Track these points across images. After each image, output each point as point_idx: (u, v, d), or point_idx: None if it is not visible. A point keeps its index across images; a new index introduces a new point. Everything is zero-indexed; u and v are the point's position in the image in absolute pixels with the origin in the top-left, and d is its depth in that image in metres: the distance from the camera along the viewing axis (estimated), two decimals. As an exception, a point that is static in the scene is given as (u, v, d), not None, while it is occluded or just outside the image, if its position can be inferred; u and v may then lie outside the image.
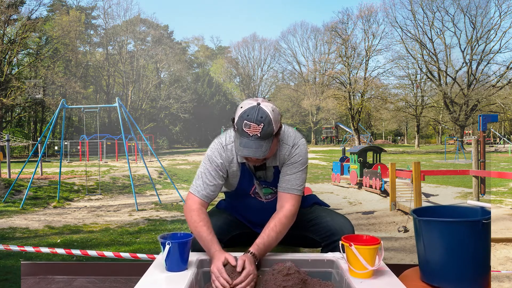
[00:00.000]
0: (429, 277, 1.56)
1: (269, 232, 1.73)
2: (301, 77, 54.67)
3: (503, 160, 23.77)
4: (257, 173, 1.89)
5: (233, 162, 1.87)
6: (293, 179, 1.83)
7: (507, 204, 9.19)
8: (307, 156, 1.90)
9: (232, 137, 1.87)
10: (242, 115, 1.66)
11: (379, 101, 43.04)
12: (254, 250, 1.65)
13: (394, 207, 8.87)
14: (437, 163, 23.18)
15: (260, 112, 1.65)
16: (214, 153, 1.87)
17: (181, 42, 60.59)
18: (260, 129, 1.63)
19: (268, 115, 1.65)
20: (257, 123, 1.63)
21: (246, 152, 1.66)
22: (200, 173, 1.87)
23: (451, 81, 39.51)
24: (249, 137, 1.64)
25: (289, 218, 1.80)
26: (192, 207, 1.82)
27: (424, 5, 39.25)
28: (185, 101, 46.64)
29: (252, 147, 1.65)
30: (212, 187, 1.85)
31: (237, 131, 1.68)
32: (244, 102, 1.71)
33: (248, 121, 1.63)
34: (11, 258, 4.92)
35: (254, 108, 1.65)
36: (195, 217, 1.78)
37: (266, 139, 1.66)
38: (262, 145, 1.66)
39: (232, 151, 1.86)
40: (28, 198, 9.99)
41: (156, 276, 1.59)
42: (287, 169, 1.85)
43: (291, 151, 1.84)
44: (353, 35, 45.20)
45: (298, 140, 1.86)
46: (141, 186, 13.44)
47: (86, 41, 46.37)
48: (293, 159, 1.84)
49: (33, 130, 40.35)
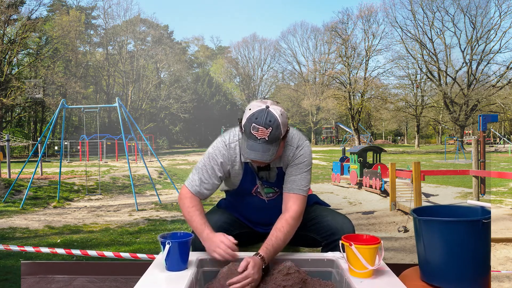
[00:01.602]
0: (429, 277, 1.56)
1: (276, 233, 1.72)
2: (301, 77, 54.67)
3: (503, 160, 23.77)
4: (260, 173, 1.89)
5: (235, 161, 1.86)
6: (298, 179, 1.83)
7: (507, 204, 9.19)
8: (311, 157, 1.90)
9: (236, 135, 1.87)
10: (250, 117, 1.65)
11: (379, 101, 43.04)
12: (263, 253, 1.63)
13: (394, 207, 8.87)
14: (437, 163, 23.18)
15: (269, 115, 1.64)
16: (216, 151, 1.86)
17: (181, 42, 60.66)
18: (268, 133, 1.62)
19: (277, 119, 1.64)
20: (266, 126, 1.62)
21: (253, 156, 1.66)
22: (198, 168, 1.87)
23: (451, 81, 39.51)
24: (257, 140, 1.64)
25: (295, 219, 1.79)
26: (186, 195, 1.86)
27: (424, 5, 39.31)
28: (185, 101, 46.63)
29: (259, 150, 1.64)
30: (206, 185, 1.85)
31: (245, 133, 1.68)
32: (253, 104, 1.70)
33: (256, 124, 1.63)
34: (11, 258, 4.92)
35: (263, 111, 1.64)
36: (188, 203, 1.83)
37: (274, 143, 1.66)
38: (269, 149, 1.66)
39: (235, 150, 1.86)
40: (28, 198, 9.98)
41: (156, 275, 1.59)
42: (292, 170, 1.84)
43: (296, 152, 1.84)
44: (353, 35, 45.29)
45: (303, 142, 1.86)
46: (141, 186, 13.44)
47: (86, 41, 46.38)
48: (298, 160, 1.84)
49: (33, 130, 40.35)
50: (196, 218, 1.78)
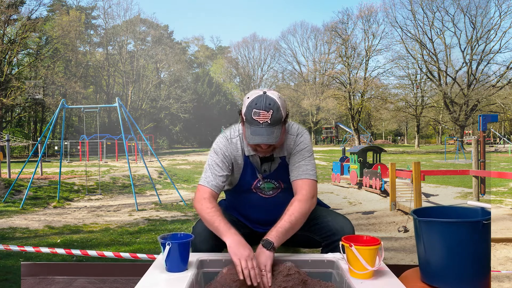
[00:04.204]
0: (429, 278, 1.56)
1: (288, 217, 1.74)
2: (301, 77, 54.64)
3: (503, 160, 23.76)
4: (263, 165, 1.90)
5: (237, 155, 1.89)
6: (303, 165, 1.86)
7: (507, 204, 9.19)
8: (311, 145, 1.93)
9: (236, 131, 1.90)
10: (250, 104, 1.68)
11: (379, 101, 43.05)
12: (272, 238, 1.66)
13: (394, 207, 8.87)
14: (437, 163, 23.17)
15: (267, 99, 1.67)
16: (220, 145, 1.89)
17: (181, 42, 60.63)
18: (270, 115, 1.66)
19: (276, 102, 1.68)
20: (266, 110, 1.65)
21: (258, 140, 1.67)
22: (208, 166, 1.89)
23: (451, 81, 39.50)
24: (260, 125, 1.66)
25: (304, 202, 1.78)
26: (203, 196, 1.83)
27: (424, 5, 39.28)
28: (185, 101, 46.63)
29: (263, 134, 1.67)
30: (221, 178, 1.86)
31: (247, 121, 1.70)
32: (250, 93, 1.74)
33: (257, 109, 1.66)
34: (11, 258, 4.92)
35: (261, 97, 1.68)
36: (207, 203, 1.79)
37: (277, 125, 1.69)
38: (273, 131, 1.68)
39: (237, 144, 1.88)
40: (28, 198, 9.98)
41: (156, 276, 1.59)
42: (295, 158, 1.87)
43: (296, 140, 1.88)
44: (353, 35, 45.29)
45: (302, 130, 1.91)
46: (141, 186, 13.43)
47: (86, 41, 46.37)
48: (299, 147, 1.87)
49: (33, 130, 40.34)
50: (218, 221, 1.73)
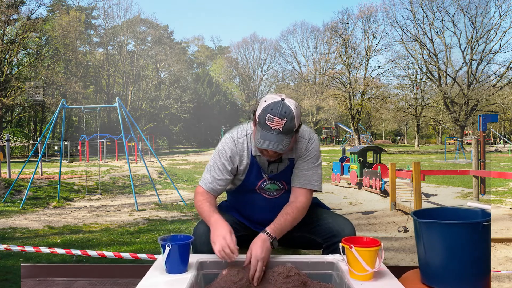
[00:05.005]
0: (429, 279, 1.56)
1: (285, 217, 1.80)
2: (301, 77, 54.63)
3: (503, 160, 23.77)
4: (270, 166, 1.90)
5: (243, 155, 1.89)
6: (310, 175, 1.88)
7: (507, 204, 9.19)
8: (320, 151, 1.97)
9: (244, 131, 1.90)
10: (266, 108, 1.68)
11: (379, 101, 43.05)
12: (270, 229, 1.74)
13: (394, 207, 8.87)
14: (437, 163, 23.18)
15: (284, 107, 1.67)
16: (224, 146, 1.90)
17: (181, 42, 60.66)
18: (282, 123, 1.66)
19: (292, 111, 1.68)
20: (281, 117, 1.66)
21: (266, 145, 1.68)
22: (210, 166, 1.92)
23: (451, 81, 39.51)
24: (271, 131, 1.67)
25: (301, 210, 1.86)
26: (198, 191, 1.93)
27: (424, 5, 39.29)
28: (185, 101, 46.63)
29: (273, 140, 1.67)
30: (219, 181, 1.89)
31: (259, 124, 1.71)
32: (268, 96, 1.74)
33: (271, 115, 1.66)
34: (11, 258, 4.92)
35: (278, 103, 1.68)
36: (199, 197, 1.89)
37: (287, 134, 1.69)
38: (283, 140, 1.68)
39: (243, 145, 1.88)
40: (28, 198, 9.98)
41: (156, 278, 1.59)
42: (304, 164, 1.89)
43: (308, 145, 1.89)
44: (353, 35, 45.26)
45: (313, 135, 1.92)
46: (141, 186, 13.43)
47: (86, 41, 46.36)
48: (309, 154, 1.89)
49: (33, 130, 40.34)
50: (205, 207, 1.84)
